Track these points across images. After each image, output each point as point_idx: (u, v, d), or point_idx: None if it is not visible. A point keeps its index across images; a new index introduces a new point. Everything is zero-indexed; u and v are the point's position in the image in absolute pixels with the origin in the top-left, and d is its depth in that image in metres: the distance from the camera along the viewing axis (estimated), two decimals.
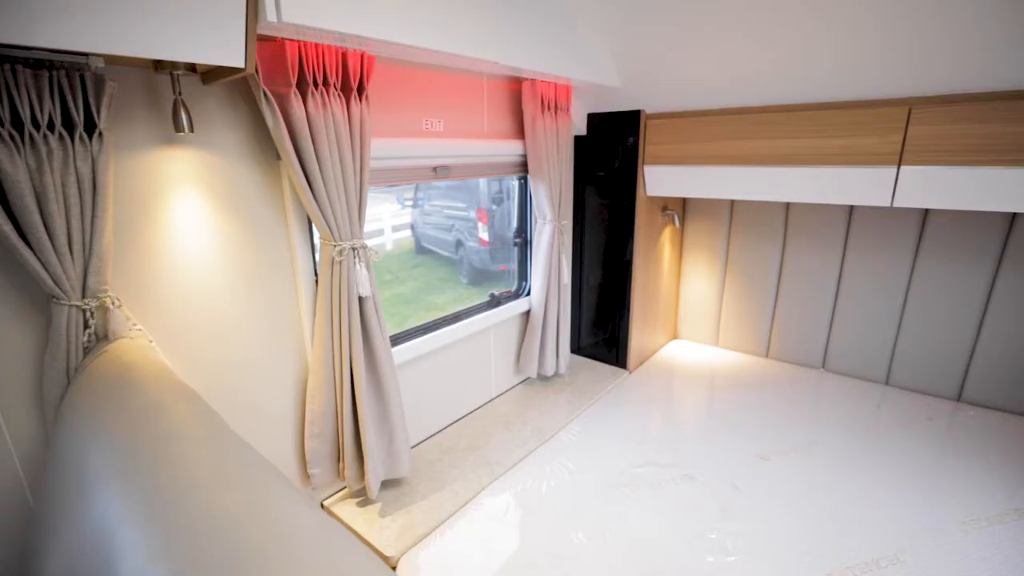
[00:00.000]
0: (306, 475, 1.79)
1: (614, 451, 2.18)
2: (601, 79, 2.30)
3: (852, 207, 2.65)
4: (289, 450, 1.76)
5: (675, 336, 3.50)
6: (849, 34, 1.77)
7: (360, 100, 1.56)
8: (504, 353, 2.66)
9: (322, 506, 1.88)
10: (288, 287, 1.67)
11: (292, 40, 1.37)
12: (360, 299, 1.67)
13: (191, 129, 1.26)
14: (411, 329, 2.17)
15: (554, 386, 2.77)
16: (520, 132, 2.38)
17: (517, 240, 2.72)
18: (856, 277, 2.72)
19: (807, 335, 2.95)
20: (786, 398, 2.63)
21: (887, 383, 2.74)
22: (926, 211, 2.46)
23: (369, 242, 1.69)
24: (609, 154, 2.69)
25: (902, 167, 1.96)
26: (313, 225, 1.65)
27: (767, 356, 3.13)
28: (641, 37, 2.11)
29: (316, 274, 1.72)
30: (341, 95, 1.51)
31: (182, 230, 1.40)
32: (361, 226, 1.65)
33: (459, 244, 5.32)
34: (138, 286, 1.33)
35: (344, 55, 1.49)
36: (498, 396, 2.67)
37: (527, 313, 2.68)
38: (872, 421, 2.39)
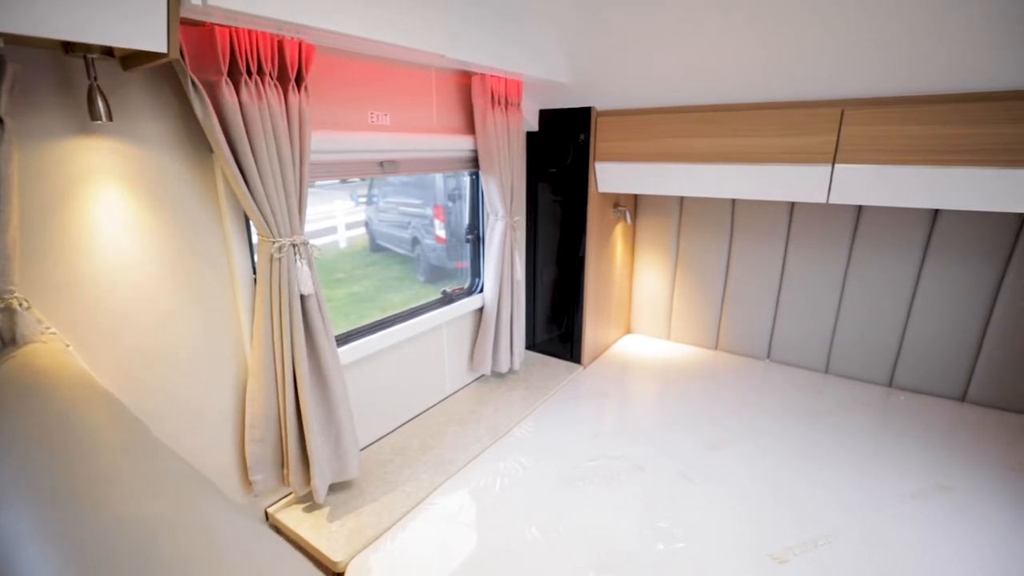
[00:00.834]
0: (248, 482, 1.72)
1: (568, 446, 2.20)
2: (551, 75, 2.30)
3: (793, 204, 2.76)
4: (229, 457, 1.68)
5: (628, 331, 3.56)
6: (788, 38, 1.83)
7: (299, 91, 1.50)
8: (457, 351, 2.64)
9: (266, 514, 1.81)
10: (224, 286, 1.59)
11: (222, 26, 1.30)
12: (302, 297, 1.61)
13: (109, 118, 1.18)
14: (359, 328, 2.11)
15: (509, 383, 2.76)
16: (470, 127, 2.36)
17: (469, 237, 2.69)
18: (797, 271, 2.84)
19: (753, 327, 3.06)
20: (734, 389, 2.72)
21: (827, 371, 2.88)
22: (860, 207, 2.59)
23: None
24: (561, 150, 2.70)
25: (836, 165, 2.05)
26: (250, 221, 1.58)
27: (716, 348, 3.23)
28: (591, 34, 2.12)
29: (255, 272, 1.65)
30: (278, 85, 1.45)
31: (103, 226, 1.30)
32: (301, 222, 1.59)
33: (415, 242, 5.24)
34: (52, 287, 1.24)
35: (280, 43, 1.43)
36: (452, 394, 2.64)
37: (480, 310, 2.66)
38: (813, 408, 2.50)
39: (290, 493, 1.86)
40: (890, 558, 1.60)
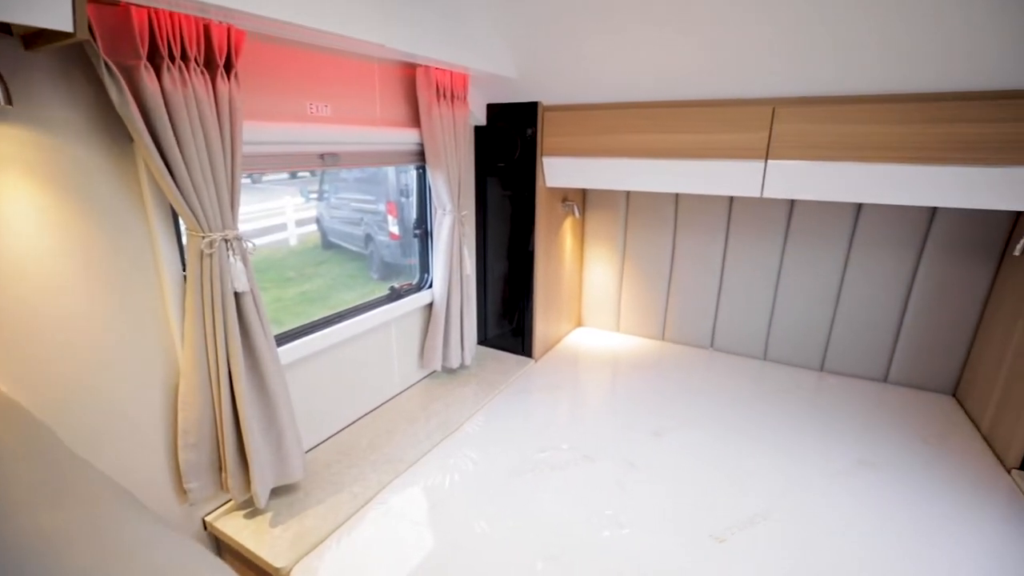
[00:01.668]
0: (183, 491, 1.63)
1: (518, 439, 2.21)
2: (497, 69, 2.29)
3: (732, 198, 2.87)
4: (160, 465, 1.59)
5: (579, 324, 3.62)
6: (726, 37, 1.90)
7: (228, 78, 1.43)
8: (407, 347, 2.60)
9: (204, 523, 1.73)
10: (150, 284, 1.50)
11: (139, 6, 1.22)
12: (237, 295, 1.55)
13: (9, 102, 1.09)
14: (303, 326, 2.04)
15: (460, 378, 2.75)
16: (416, 120, 2.32)
17: (417, 232, 2.66)
18: (737, 263, 2.96)
19: (697, 317, 3.17)
20: (679, 377, 2.80)
21: (765, 358, 3.02)
22: (792, 202, 2.73)
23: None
24: (509, 145, 2.70)
25: (769, 161, 2.14)
26: (178, 215, 1.50)
27: (663, 339, 3.33)
28: (535, 29, 2.13)
29: (184, 269, 1.56)
30: (204, 71, 1.37)
31: (4, 221, 1.20)
32: (234, 216, 1.52)
33: (369, 238, 5.12)
34: None
35: (207, 27, 1.36)
36: (402, 392, 2.60)
37: (430, 306, 2.63)
38: (752, 394, 2.62)
39: (229, 500, 1.78)
40: (818, 530, 1.69)
